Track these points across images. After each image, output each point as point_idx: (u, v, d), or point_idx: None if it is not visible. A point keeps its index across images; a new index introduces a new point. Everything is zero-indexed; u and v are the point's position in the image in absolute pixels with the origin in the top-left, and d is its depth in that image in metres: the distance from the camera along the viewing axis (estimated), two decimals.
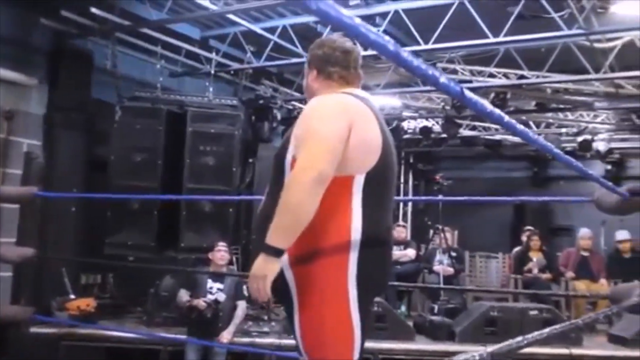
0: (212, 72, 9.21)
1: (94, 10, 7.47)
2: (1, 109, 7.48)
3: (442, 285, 8.47)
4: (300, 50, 8.31)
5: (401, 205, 14.57)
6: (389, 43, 1.38)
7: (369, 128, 2.50)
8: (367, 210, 2.44)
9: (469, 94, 1.72)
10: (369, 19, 7.65)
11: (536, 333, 1.98)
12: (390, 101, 11.54)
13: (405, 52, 1.43)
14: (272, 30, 8.28)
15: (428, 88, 9.52)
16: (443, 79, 1.59)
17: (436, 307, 7.80)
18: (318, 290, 2.38)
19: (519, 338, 1.85)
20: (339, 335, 2.42)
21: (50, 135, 7.81)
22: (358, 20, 1.29)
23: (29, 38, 7.78)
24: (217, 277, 6.53)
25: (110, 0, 7.70)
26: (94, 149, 8.24)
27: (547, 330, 2.08)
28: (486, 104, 1.87)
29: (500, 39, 7.15)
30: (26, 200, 5.93)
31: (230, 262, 7.65)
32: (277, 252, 2.30)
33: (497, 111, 1.93)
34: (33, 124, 7.73)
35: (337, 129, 2.39)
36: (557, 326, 2.26)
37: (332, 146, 2.35)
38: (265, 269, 2.32)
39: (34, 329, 6.56)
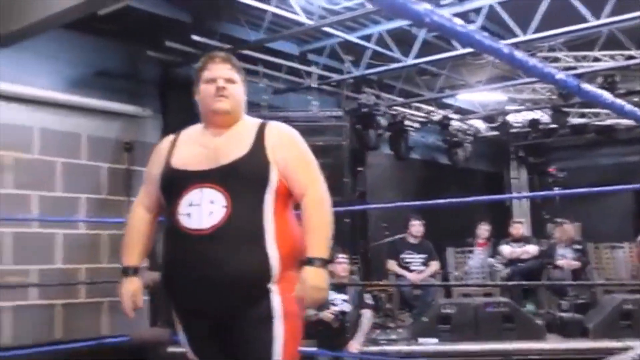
0: (314, 85, 9.30)
1: (195, 37, 7.71)
2: (121, 141, 7.87)
3: (569, 281, 8.20)
4: (398, 54, 8.29)
5: (515, 201, 14.25)
6: (503, 47, 1.38)
7: None
8: None
9: (585, 86, 1.70)
10: (463, 16, 7.54)
11: None
12: (493, 96, 11.35)
13: (520, 54, 1.43)
14: (368, 38, 8.30)
15: (532, 79, 9.28)
16: (560, 75, 1.58)
17: (565, 303, 7.56)
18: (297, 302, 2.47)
19: None
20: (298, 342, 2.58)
21: None
22: (472, 27, 1.30)
23: (139, 71, 8.16)
24: (339, 288, 6.58)
25: (210, 26, 7.93)
26: None
27: None
28: (605, 94, 1.84)
29: (602, 20, 6.87)
30: None
31: (351, 272, 7.71)
32: (326, 264, 2.44)
33: (618, 101, 1.88)
34: (150, 153, 8.06)
35: None
36: None
37: None
38: (325, 280, 2.42)
39: (170, 349, 6.81)
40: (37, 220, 7.10)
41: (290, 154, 2.59)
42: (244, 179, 2.50)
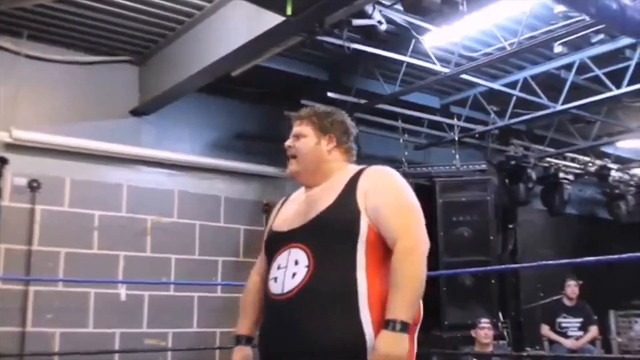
0: (456, 138, 8.92)
1: (330, 94, 7.59)
2: (259, 202, 7.82)
3: None
4: (546, 101, 7.74)
5: None
6: None
7: None
8: None
9: None
10: (617, 53, 7.00)
11: None
12: None
13: None
14: (513, 86, 7.83)
15: None
16: None
17: None
18: None
19: None
20: None
21: None
22: None
23: (276, 130, 8.08)
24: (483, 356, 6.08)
25: (346, 82, 7.79)
26: None
27: None
28: None
29: None
30: None
31: (501, 337, 7.17)
32: (407, 328, 2.04)
33: None
34: None
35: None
36: None
37: None
38: (402, 347, 2.02)
39: None
40: (174, 284, 7.11)
41: (384, 199, 2.25)
42: (328, 232, 2.22)
